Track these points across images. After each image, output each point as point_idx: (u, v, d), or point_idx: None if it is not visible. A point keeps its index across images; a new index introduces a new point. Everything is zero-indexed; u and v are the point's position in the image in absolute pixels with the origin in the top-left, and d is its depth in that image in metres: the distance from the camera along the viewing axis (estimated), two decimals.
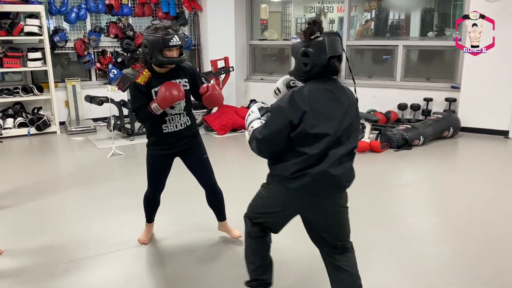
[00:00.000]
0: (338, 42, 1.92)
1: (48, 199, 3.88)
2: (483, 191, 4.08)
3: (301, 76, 1.97)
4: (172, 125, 2.63)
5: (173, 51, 2.49)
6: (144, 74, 2.56)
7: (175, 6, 7.23)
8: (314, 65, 1.89)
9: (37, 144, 5.85)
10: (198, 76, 2.74)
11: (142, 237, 3.04)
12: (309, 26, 1.90)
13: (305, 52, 1.90)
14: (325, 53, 1.87)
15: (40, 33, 5.95)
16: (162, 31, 2.44)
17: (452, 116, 5.89)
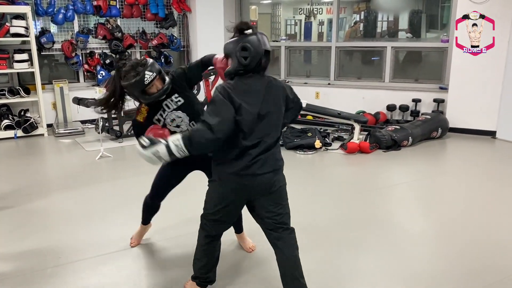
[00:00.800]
0: (266, 39, 2.05)
1: (35, 202, 3.82)
2: (471, 191, 4.11)
3: (240, 70, 2.03)
4: None
5: (153, 86, 2.39)
6: (142, 110, 2.53)
7: (164, 7, 7.20)
8: (253, 58, 1.98)
9: (24, 146, 5.78)
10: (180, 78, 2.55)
11: (133, 239, 3.01)
12: (240, 24, 2.02)
13: (244, 47, 1.98)
14: (261, 47, 1.99)
15: (26, 34, 5.88)
16: (133, 72, 2.37)
17: (440, 117, 5.94)
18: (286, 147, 5.40)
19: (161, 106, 2.49)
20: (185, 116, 2.52)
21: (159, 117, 2.50)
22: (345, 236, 3.05)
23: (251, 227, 2.63)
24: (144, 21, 7.23)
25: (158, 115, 2.50)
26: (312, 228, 3.19)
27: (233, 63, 2.03)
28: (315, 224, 3.26)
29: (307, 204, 3.73)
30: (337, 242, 2.43)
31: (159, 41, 7.18)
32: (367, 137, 5.54)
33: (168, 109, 2.49)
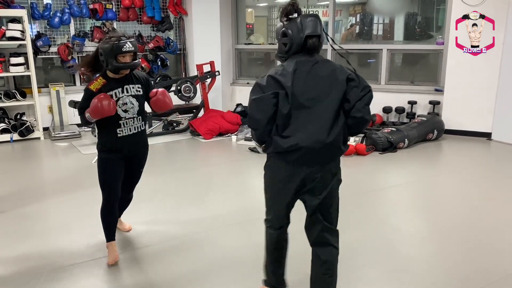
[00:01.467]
0: (315, 23, 1.99)
1: (31, 206, 3.81)
2: (467, 193, 4.13)
3: (282, 55, 2.06)
4: (126, 129, 2.69)
5: (126, 57, 2.60)
6: (98, 81, 2.65)
7: (160, 11, 7.20)
8: (292, 44, 1.99)
9: (20, 150, 5.76)
10: (151, 84, 2.83)
11: (110, 259, 2.82)
12: (286, 7, 2.00)
13: (284, 33, 2.00)
14: (302, 32, 1.96)
15: (22, 37, 5.88)
16: (115, 38, 2.58)
17: (436, 119, 5.97)
18: None
19: (121, 86, 2.67)
20: (137, 105, 2.71)
21: (113, 94, 2.64)
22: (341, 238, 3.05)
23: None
24: (141, 24, 7.24)
25: (113, 92, 2.64)
26: None
27: (278, 47, 2.08)
28: None
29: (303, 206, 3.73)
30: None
31: (155, 44, 7.18)
32: (363, 139, 5.55)
33: (126, 92, 2.68)
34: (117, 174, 2.76)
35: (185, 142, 6.11)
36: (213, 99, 7.07)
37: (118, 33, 2.66)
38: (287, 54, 2.03)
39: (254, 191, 4.42)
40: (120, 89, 2.66)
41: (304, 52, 2.02)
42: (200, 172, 4.73)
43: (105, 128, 2.69)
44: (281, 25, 2.03)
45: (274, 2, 8.75)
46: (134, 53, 2.65)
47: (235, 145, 5.91)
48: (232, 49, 7.69)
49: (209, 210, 3.67)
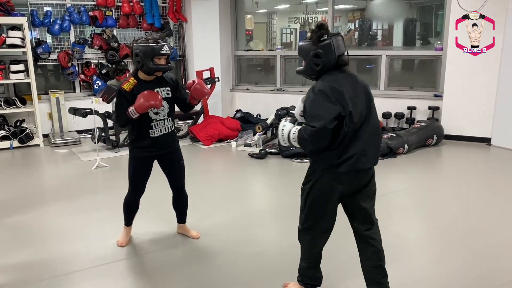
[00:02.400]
0: (341, 41, 2.17)
1: (31, 213, 3.81)
2: (467, 199, 4.13)
3: (312, 74, 2.20)
4: (158, 130, 2.82)
5: (162, 59, 2.71)
6: (130, 81, 2.75)
7: (160, 18, 7.23)
8: (324, 65, 2.13)
9: (20, 157, 5.76)
10: (180, 86, 2.96)
11: (121, 239, 3.13)
12: (318, 30, 2.12)
13: (316, 54, 2.12)
14: (334, 54, 2.12)
15: (23, 45, 5.90)
16: (153, 41, 2.68)
17: (435, 124, 5.98)
18: (283, 155, 5.41)
19: (152, 89, 2.74)
20: (167, 108, 2.83)
21: None
22: (341, 244, 3.05)
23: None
24: (140, 31, 7.26)
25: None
26: None
27: (305, 66, 2.19)
28: None
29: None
30: (333, 250, 2.44)
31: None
32: None
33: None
34: (145, 173, 2.92)
35: (185, 148, 6.09)
36: (212, 105, 7.09)
37: (154, 35, 2.74)
38: (317, 74, 2.17)
39: (254, 197, 4.42)
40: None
41: (335, 70, 2.16)
42: (199, 178, 4.72)
43: (138, 129, 2.81)
44: (310, 45, 2.14)
45: (274, 8, 8.81)
46: (168, 56, 2.76)
47: (234, 151, 5.91)
48: (231, 55, 7.71)
49: (208, 217, 3.67)
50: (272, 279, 2.69)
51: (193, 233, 3.26)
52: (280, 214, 3.80)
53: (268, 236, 3.39)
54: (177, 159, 3.00)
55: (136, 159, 2.89)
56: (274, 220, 3.69)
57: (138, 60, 2.69)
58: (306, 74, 2.25)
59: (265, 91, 7.44)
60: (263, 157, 5.39)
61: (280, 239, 3.28)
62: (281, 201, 4.10)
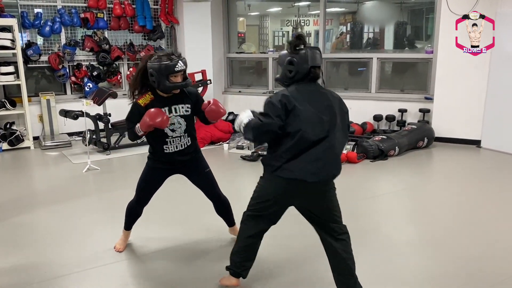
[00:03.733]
0: (318, 55, 2.27)
1: (20, 216, 3.77)
2: (457, 200, 4.16)
3: (286, 81, 2.30)
4: (173, 146, 2.74)
5: (177, 76, 2.62)
6: (146, 96, 2.67)
7: (152, 20, 7.21)
8: (297, 72, 2.23)
9: (10, 160, 5.71)
10: (201, 100, 2.83)
11: (118, 245, 3.07)
12: (295, 40, 2.24)
13: (290, 61, 2.23)
14: (307, 63, 2.22)
15: (12, 46, 5.85)
16: (166, 58, 2.58)
17: (426, 127, 6.02)
18: None
19: (169, 106, 2.67)
20: (185, 125, 2.73)
21: None
22: None
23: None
24: (132, 33, 7.25)
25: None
26: (299, 239, 3.19)
27: (281, 73, 2.31)
28: (302, 235, 3.26)
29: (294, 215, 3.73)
30: (323, 253, 2.45)
31: (147, 53, 7.18)
32: (354, 147, 5.58)
33: (175, 112, 2.70)
34: (153, 184, 2.86)
35: None
36: None
37: (166, 51, 2.69)
38: (290, 80, 2.26)
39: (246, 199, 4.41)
40: (167, 109, 2.66)
41: (306, 81, 2.25)
42: None
43: (153, 143, 2.76)
44: (287, 53, 2.26)
45: (266, 11, 8.82)
46: (184, 72, 2.67)
47: (227, 153, 5.91)
48: (223, 57, 7.71)
49: (200, 219, 3.66)
50: (267, 280, 2.69)
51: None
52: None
53: None
54: (200, 168, 2.90)
55: (149, 168, 2.84)
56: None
57: (153, 80, 2.59)
58: (280, 82, 2.34)
59: (258, 93, 7.45)
60: (255, 159, 5.38)
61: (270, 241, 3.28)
62: None
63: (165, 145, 2.72)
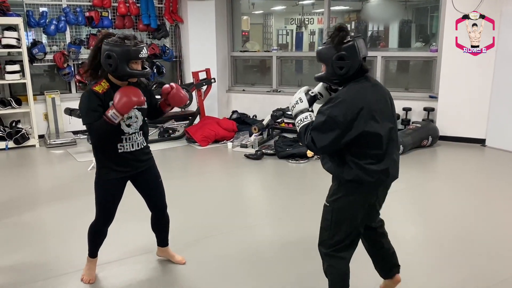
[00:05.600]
0: (364, 44, 2.03)
1: (26, 214, 3.80)
2: (462, 199, 4.15)
3: (336, 79, 2.05)
4: (129, 145, 2.45)
5: (138, 63, 2.35)
6: (102, 84, 2.34)
7: (156, 18, 7.23)
8: (350, 68, 1.98)
9: (15, 158, 5.75)
10: (153, 93, 2.65)
11: (86, 276, 2.71)
12: (339, 33, 1.99)
13: (340, 57, 1.98)
14: (358, 56, 1.99)
15: (18, 45, 5.88)
16: (130, 42, 2.28)
17: (430, 125, 6.00)
18: (278, 156, 5.42)
19: None
20: (141, 119, 2.49)
21: None
22: None
23: None
24: (136, 32, 7.25)
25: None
26: (304, 238, 3.20)
27: (327, 71, 2.05)
28: (308, 234, 3.27)
29: (299, 213, 3.74)
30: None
31: (151, 52, 7.20)
32: None
33: None
34: (115, 197, 2.55)
35: (181, 149, 6.12)
36: (208, 106, 7.09)
37: (129, 35, 2.33)
38: (341, 78, 2.02)
39: (250, 198, 4.43)
40: None
41: (360, 75, 2.04)
42: (195, 179, 4.73)
43: (105, 144, 2.42)
44: (331, 47, 2.00)
45: (270, 9, 8.82)
46: (143, 61, 2.39)
47: (231, 152, 5.92)
48: (227, 56, 7.72)
49: (204, 218, 3.67)
50: (269, 280, 2.70)
51: (178, 258, 2.91)
52: (275, 215, 3.81)
53: (264, 236, 3.40)
54: (154, 177, 2.64)
55: (104, 182, 2.48)
56: (270, 221, 3.70)
57: (110, 63, 2.26)
58: (327, 80, 2.11)
59: (261, 92, 7.45)
60: (259, 158, 5.39)
61: (276, 239, 3.29)
62: (276, 202, 4.11)
63: (120, 143, 2.41)
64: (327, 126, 1.96)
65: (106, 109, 2.30)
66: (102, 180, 2.50)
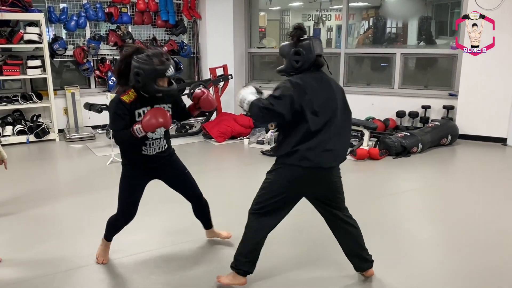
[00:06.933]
0: (321, 44, 2.37)
1: (46, 207, 3.87)
2: (481, 199, 4.09)
3: (292, 72, 2.35)
4: (151, 149, 2.61)
5: (165, 80, 2.49)
6: (130, 94, 2.49)
7: (174, 15, 7.27)
8: (304, 62, 2.29)
9: (36, 151, 5.85)
10: (179, 98, 2.79)
11: (100, 257, 2.87)
12: (298, 31, 2.31)
13: (297, 52, 2.29)
14: (313, 52, 2.29)
15: (39, 41, 5.98)
16: (158, 60, 2.40)
17: (450, 124, 5.92)
18: None
19: (151, 105, 2.53)
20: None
21: (142, 112, 2.51)
22: None
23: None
24: (155, 28, 7.32)
25: (141, 110, 2.51)
26: (320, 234, 3.19)
27: (286, 64, 2.36)
28: (324, 231, 3.26)
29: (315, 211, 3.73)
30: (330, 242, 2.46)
31: (169, 48, 7.25)
32: (376, 143, 5.53)
33: None
34: (138, 192, 2.69)
35: (198, 145, 6.15)
36: (225, 102, 7.11)
37: (157, 52, 2.45)
38: (296, 71, 2.32)
39: None
40: (150, 108, 2.52)
41: (313, 69, 2.33)
42: (212, 175, 4.75)
43: (128, 147, 2.60)
44: (289, 44, 2.32)
45: (287, 6, 8.78)
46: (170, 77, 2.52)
47: (247, 148, 5.93)
48: (245, 52, 7.72)
49: (220, 215, 3.68)
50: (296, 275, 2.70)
51: (224, 234, 3.12)
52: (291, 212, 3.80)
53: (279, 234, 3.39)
54: (179, 171, 2.80)
55: (126, 176, 2.68)
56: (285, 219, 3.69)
57: (138, 80, 2.40)
58: (285, 72, 2.38)
59: None
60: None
61: (292, 234, 3.29)
62: None
63: (144, 147, 2.58)
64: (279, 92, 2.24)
65: (131, 117, 2.49)
66: (126, 176, 2.69)
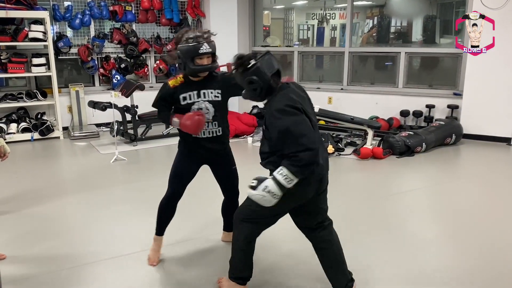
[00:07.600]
0: (272, 60, 2.16)
1: (50, 204, 3.89)
2: (485, 199, 4.08)
3: (257, 98, 2.22)
4: (201, 132, 2.63)
5: (203, 59, 2.52)
6: (177, 78, 2.63)
7: (179, 13, 7.27)
8: (262, 87, 2.12)
9: (40, 149, 5.87)
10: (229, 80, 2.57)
11: (152, 257, 2.85)
12: (240, 61, 2.14)
13: (250, 81, 2.13)
14: (266, 74, 2.11)
15: (44, 39, 5.99)
16: (193, 40, 2.50)
17: (454, 123, 5.90)
18: None
19: (198, 90, 2.60)
20: (213, 111, 2.63)
21: (188, 96, 2.60)
22: (357, 242, 3.05)
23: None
24: (159, 26, 7.32)
25: (187, 94, 2.60)
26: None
27: (247, 93, 2.22)
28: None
29: None
30: (348, 248, 2.45)
31: (173, 46, 7.24)
32: (380, 142, 5.52)
33: (203, 97, 2.61)
34: (188, 172, 2.74)
35: None
36: (229, 101, 7.09)
37: (197, 32, 2.53)
38: (262, 94, 2.17)
39: None
40: (196, 93, 2.59)
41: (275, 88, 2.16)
42: None
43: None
44: (239, 75, 2.15)
45: (291, 4, 8.76)
46: (213, 54, 2.57)
47: (251, 146, 5.93)
48: (249, 51, 7.71)
49: None
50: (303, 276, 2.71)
51: None
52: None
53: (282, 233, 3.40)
54: (226, 165, 2.82)
55: (180, 154, 2.76)
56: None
57: (180, 62, 2.54)
58: (253, 99, 2.27)
59: None
60: None
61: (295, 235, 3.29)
62: None
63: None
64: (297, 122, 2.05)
65: (175, 101, 2.61)
66: (180, 152, 2.77)
